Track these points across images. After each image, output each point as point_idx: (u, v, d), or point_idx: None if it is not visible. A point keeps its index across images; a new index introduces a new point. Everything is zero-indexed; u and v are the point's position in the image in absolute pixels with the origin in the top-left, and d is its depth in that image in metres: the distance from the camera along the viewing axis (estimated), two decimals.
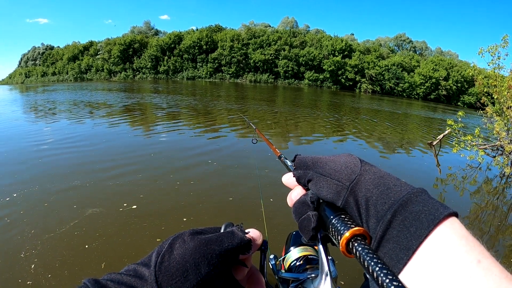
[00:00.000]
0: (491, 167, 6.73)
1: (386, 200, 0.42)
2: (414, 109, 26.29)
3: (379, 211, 0.42)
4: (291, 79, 56.53)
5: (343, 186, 0.48)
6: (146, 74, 60.95)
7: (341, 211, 0.47)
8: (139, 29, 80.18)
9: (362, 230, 0.42)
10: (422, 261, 0.36)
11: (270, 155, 6.04)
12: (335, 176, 0.49)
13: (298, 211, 0.53)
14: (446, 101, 53.35)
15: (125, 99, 16.81)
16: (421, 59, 61.75)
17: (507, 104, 6.23)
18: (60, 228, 3.19)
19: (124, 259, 2.70)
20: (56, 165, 5.23)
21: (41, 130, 8.29)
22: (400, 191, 0.43)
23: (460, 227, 0.38)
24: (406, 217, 0.40)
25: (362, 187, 0.46)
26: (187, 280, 0.37)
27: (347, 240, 0.41)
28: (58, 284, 2.42)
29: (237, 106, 14.94)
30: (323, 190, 0.50)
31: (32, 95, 21.20)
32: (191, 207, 3.81)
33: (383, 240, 0.41)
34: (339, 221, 0.45)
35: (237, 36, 58.70)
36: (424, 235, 0.37)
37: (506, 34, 6.19)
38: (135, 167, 5.21)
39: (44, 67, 78.66)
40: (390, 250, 0.40)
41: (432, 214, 0.38)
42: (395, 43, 79.17)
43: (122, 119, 10.23)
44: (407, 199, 0.41)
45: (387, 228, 0.41)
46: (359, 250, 0.39)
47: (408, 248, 0.38)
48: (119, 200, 3.89)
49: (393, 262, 0.39)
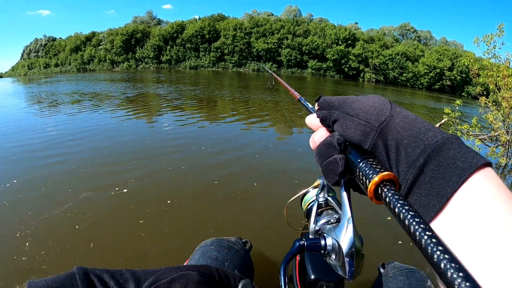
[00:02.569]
0: (488, 158, 6.71)
1: (419, 144, 0.40)
2: (418, 99, 26.13)
3: (410, 155, 0.40)
4: (294, 68, 56.19)
5: (372, 127, 0.45)
6: (149, 64, 60.86)
7: (368, 155, 0.45)
8: (141, 19, 79.90)
9: (392, 175, 0.40)
10: (456, 209, 0.34)
11: (264, 142, 6.08)
12: (364, 116, 0.47)
13: (323, 154, 0.50)
14: (450, 91, 52.80)
15: (127, 89, 16.86)
16: (426, 49, 61.20)
17: (502, 94, 6.20)
18: (54, 210, 3.30)
19: (110, 240, 2.81)
20: (53, 152, 5.32)
21: (42, 121, 8.38)
22: (433, 135, 0.40)
23: (496, 177, 0.35)
24: (440, 162, 0.37)
25: (392, 129, 0.43)
26: None
27: (375, 186, 0.40)
28: (50, 259, 2.54)
29: (241, 95, 14.90)
30: (349, 131, 0.47)
31: (34, 86, 21.27)
32: (176, 191, 3.89)
33: (414, 186, 0.39)
34: (367, 165, 0.43)
35: (239, 25, 58.34)
36: (460, 182, 0.34)
37: (501, 22, 6.15)
38: (132, 153, 5.30)
39: (47, 58, 78.60)
40: (422, 197, 0.38)
41: (468, 161, 0.35)
42: (399, 32, 78.39)
43: (123, 108, 10.29)
44: (442, 144, 0.38)
45: (419, 174, 0.38)
46: (389, 196, 0.37)
47: (442, 195, 0.35)
48: (112, 184, 3.99)
49: (424, 209, 0.37)
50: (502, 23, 6.09)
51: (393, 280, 1.40)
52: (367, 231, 3.16)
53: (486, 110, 6.88)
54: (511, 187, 3.60)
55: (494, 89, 6.50)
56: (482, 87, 7.07)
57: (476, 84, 7.19)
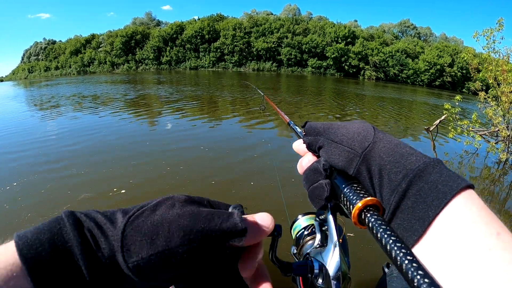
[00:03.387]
0: (488, 153, 6.68)
1: (401, 169, 0.41)
2: (419, 96, 26.09)
3: (393, 180, 0.41)
4: (294, 67, 56.25)
5: (356, 153, 0.46)
6: (149, 65, 60.93)
7: (353, 180, 0.46)
8: (140, 20, 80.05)
9: (375, 200, 0.40)
10: (438, 233, 0.35)
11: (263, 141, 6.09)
12: (348, 143, 0.47)
13: (310, 179, 0.51)
14: (451, 87, 52.73)
15: (128, 90, 16.89)
16: (426, 46, 61.18)
17: (502, 89, 6.18)
18: (53, 212, 3.29)
19: None
20: (55, 155, 5.33)
21: (42, 124, 8.41)
22: (415, 160, 0.41)
23: (478, 199, 0.36)
24: (422, 187, 0.37)
25: (375, 155, 0.44)
26: (152, 244, 0.34)
27: (359, 211, 0.40)
28: None
29: (240, 95, 14.89)
30: (334, 157, 0.48)
31: (35, 90, 21.32)
32: (174, 191, 3.87)
33: (397, 211, 0.40)
34: (351, 190, 0.43)
35: (239, 25, 58.45)
36: (441, 206, 0.35)
37: (501, 17, 6.14)
38: (131, 155, 5.31)
39: (47, 61, 78.75)
40: (405, 221, 0.38)
41: (449, 185, 0.36)
42: (399, 29, 78.33)
43: (123, 110, 10.30)
44: (423, 169, 0.39)
45: (401, 198, 0.39)
46: (372, 221, 0.37)
47: (424, 219, 0.36)
48: (110, 185, 4.00)
49: (407, 233, 0.38)
50: (502, 18, 6.09)
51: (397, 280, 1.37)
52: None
53: (485, 105, 6.86)
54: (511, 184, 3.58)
55: (493, 84, 6.49)
56: (482, 82, 7.05)
57: (476, 80, 7.16)
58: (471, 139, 6.76)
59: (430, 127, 8.32)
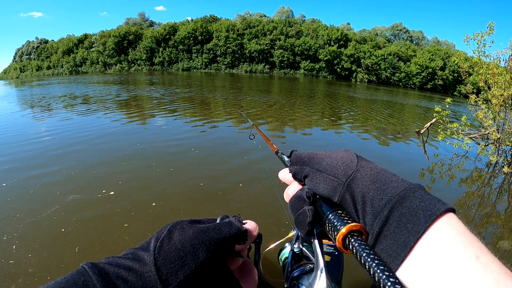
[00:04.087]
0: (478, 156, 6.73)
1: (383, 196, 0.42)
2: (411, 99, 26.29)
3: (375, 207, 0.42)
4: (286, 69, 56.49)
5: (340, 182, 0.47)
6: (141, 66, 60.77)
7: (337, 207, 0.47)
8: (133, 21, 79.81)
9: (359, 226, 0.42)
10: (419, 257, 0.35)
11: (261, 148, 6.07)
12: (332, 171, 0.49)
13: (295, 206, 0.53)
14: (442, 91, 53.42)
15: (119, 91, 16.82)
16: (418, 49, 61.70)
17: (492, 92, 6.23)
18: (41, 213, 3.27)
19: (95, 244, 2.77)
20: (44, 155, 5.27)
21: (32, 124, 8.36)
22: (397, 186, 0.42)
23: (457, 223, 0.37)
24: (403, 213, 0.39)
25: (358, 182, 0.46)
26: (185, 265, 0.37)
27: (343, 236, 0.41)
28: (37, 262, 2.52)
29: (233, 98, 14.89)
30: (319, 186, 0.50)
31: (26, 89, 21.12)
32: (162, 193, 3.86)
33: (380, 237, 0.40)
34: (335, 216, 0.45)
35: (232, 26, 58.50)
36: (421, 231, 0.36)
37: (491, 21, 6.20)
38: (122, 156, 5.28)
39: (39, 61, 78.13)
40: (388, 247, 0.39)
41: (429, 210, 0.37)
42: (391, 32, 79.04)
43: (114, 111, 10.24)
44: (404, 195, 0.40)
45: (384, 224, 0.40)
46: (356, 246, 0.39)
47: (406, 245, 0.37)
48: (99, 187, 3.96)
49: (390, 258, 0.38)
50: (492, 22, 6.15)
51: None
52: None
53: (476, 108, 6.92)
54: (502, 185, 3.61)
55: (484, 87, 6.54)
56: (473, 85, 7.11)
57: (467, 83, 7.22)
58: (461, 142, 6.81)
59: (421, 130, 8.39)
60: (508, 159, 6.15)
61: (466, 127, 7.14)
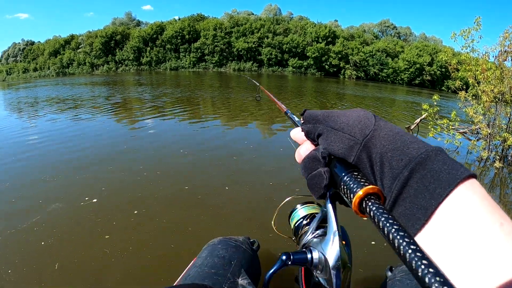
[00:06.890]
0: (470, 151, 6.71)
1: (403, 157, 0.40)
2: (399, 94, 26.43)
3: (394, 168, 0.40)
4: (275, 67, 56.32)
5: (356, 141, 0.45)
6: (129, 66, 60.08)
7: (353, 168, 0.45)
8: (120, 21, 79.02)
9: (376, 188, 0.40)
10: (441, 221, 0.34)
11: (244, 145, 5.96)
12: (348, 130, 0.47)
13: (308, 167, 0.50)
14: (430, 86, 53.75)
15: (107, 92, 16.65)
16: (405, 45, 62.12)
17: (482, 88, 6.20)
18: (22, 224, 3.10)
19: (74, 259, 2.59)
20: (28, 163, 5.07)
21: (15, 127, 8.12)
22: (418, 148, 0.40)
23: (480, 189, 0.36)
24: (425, 175, 0.37)
25: (376, 142, 0.43)
26: None
27: (360, 199, 0.40)
28: (18, 279, 2.37)
29: (223, 96, 14.77)
30: (334, 145, 0.47)
31: (12, 92, 20.75)
32: (145, 199, 3.68)
33: (399, 199, 0.39)
34: (351, 178, 0.43)
35: (219, 25, 58.22)
36: (444, 194, 0.35)
37: (478, 16, 6.13)
38: (108, 160, 5.11)
39: (25, 63, 76.56)
40: (407, 210, 0.38)
41: (452, 174, 0.36)
42: (379, 29, 79.53)
43: (100, 112, 10.04)
44: (426, 157, 0.38)
45: (403, 186, 0.38)
46: (373, 210, 0.37)
47: (427, 208, 0.35)
48: (82, 194, 3.77)
49: (409, 222, 0.37)
50: (479, 17, 6.10)
51: (400, 284, 1.42)
52: (376, 234, 3.06)
53: (466, 104, 6.89)
54: (493, 180, 3.55)
55: (473, 83, 6.51)
56: (462, 81, 7.09)
57: (455, 79, 7.19)
58: (451, 138, 6.78)
59: (411, 125, 8.35)
60: (499, 154, 6.13)
61: (456, 122, 7.12)
